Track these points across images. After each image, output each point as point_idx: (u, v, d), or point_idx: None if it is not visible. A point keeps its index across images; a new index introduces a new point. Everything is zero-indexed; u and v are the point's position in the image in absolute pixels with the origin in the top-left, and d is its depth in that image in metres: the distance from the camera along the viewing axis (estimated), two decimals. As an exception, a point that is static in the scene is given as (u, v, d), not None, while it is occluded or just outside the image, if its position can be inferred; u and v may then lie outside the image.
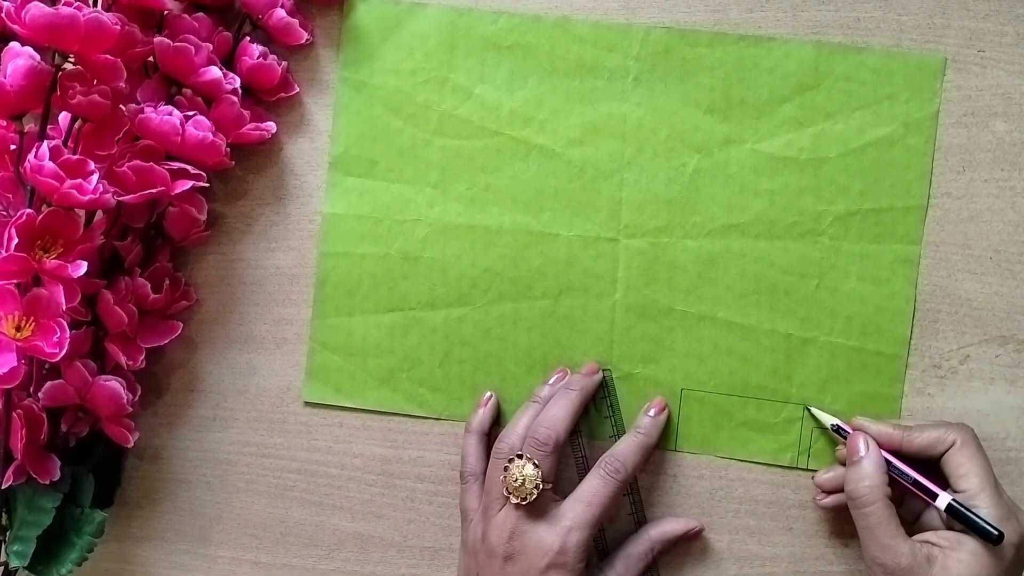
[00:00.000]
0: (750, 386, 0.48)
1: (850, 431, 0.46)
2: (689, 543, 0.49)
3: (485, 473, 0.47)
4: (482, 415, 0.49)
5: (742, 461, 0.49)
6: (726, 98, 0.48)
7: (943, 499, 0.43)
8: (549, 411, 0.45)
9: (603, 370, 0.49)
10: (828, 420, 0.47)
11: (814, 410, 0.48)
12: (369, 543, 0.50)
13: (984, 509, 0.41)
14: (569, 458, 0.49)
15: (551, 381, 0.48)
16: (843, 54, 0.48)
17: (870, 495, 0.43)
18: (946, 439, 0.44)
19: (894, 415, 0.48)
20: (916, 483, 0.44)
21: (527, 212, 0.49)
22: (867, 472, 0.43)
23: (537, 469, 0.43)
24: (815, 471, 0.48)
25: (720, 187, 0.49)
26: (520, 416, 0.46)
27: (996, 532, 0.41)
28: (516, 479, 0.43)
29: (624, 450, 0.46)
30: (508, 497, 0.44)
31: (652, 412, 0.48)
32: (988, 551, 0.41)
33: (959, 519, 0.42)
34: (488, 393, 0.49)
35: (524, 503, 0.43)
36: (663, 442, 0.49)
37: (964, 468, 0.43)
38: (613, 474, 0.45)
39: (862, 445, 0.44)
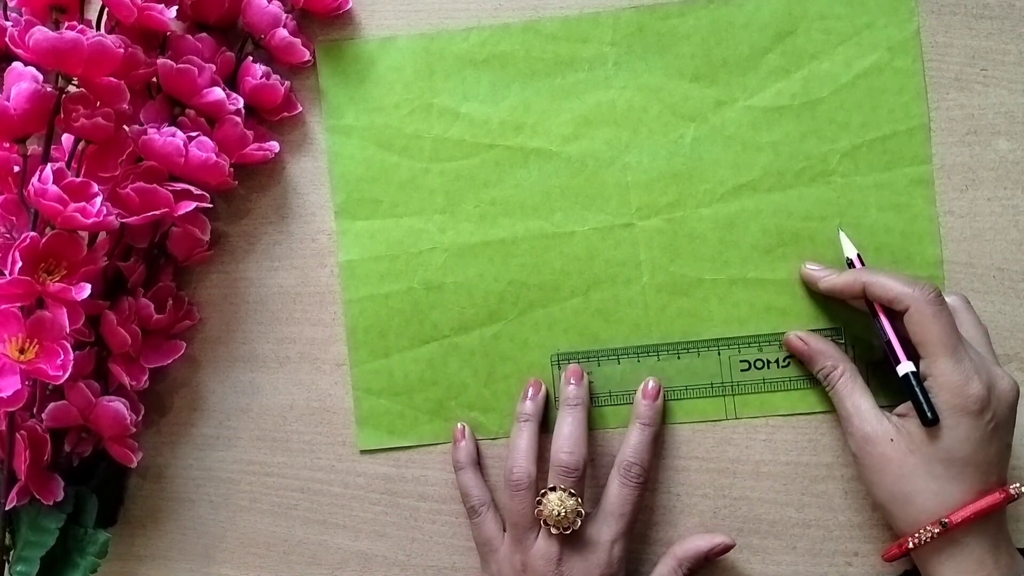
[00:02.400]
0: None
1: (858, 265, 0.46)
2: (718, 559, 0.48)
3: (493, 501, 0.48)
4: (468, 447, 0.49)
5: (786, 378, 0.48)
6: (708, 62, 0.49)
7: (903, 367, 0.42)
8: (563, 432, 0.45)
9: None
10: (851, 252, 0.47)
11: (843, 235, 0.47)
12: (372, 562, 0.50)
13: (940, 378, 0.41)
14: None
15: (530, 396, 0.48)
16: None
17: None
18: (901, 301, 0.42)
19: None
20: (888, 343, 0.43)
21: (538, 217, 0.50)
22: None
23: (574, 498, 0.44)
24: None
25: (722, 150, 0.49)
26: (518, 439, 0.47)
27: (929, 416, 0.41)
28: (557, 512, 0.43)
29: (637, 449, 0.46)
30: (548, 527, 0.44)
31: (649, 398, 0.48)
32: (963, 418, 0.41)
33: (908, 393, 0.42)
34: (460, 425, 0.49)
35: (567, 532, 0.44)
36: (720, 415, 0.49)
37: (918, 336, 0.42)
38: (635, 479, 0.46)
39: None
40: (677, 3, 0.49)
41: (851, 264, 0.46)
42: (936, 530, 0.41)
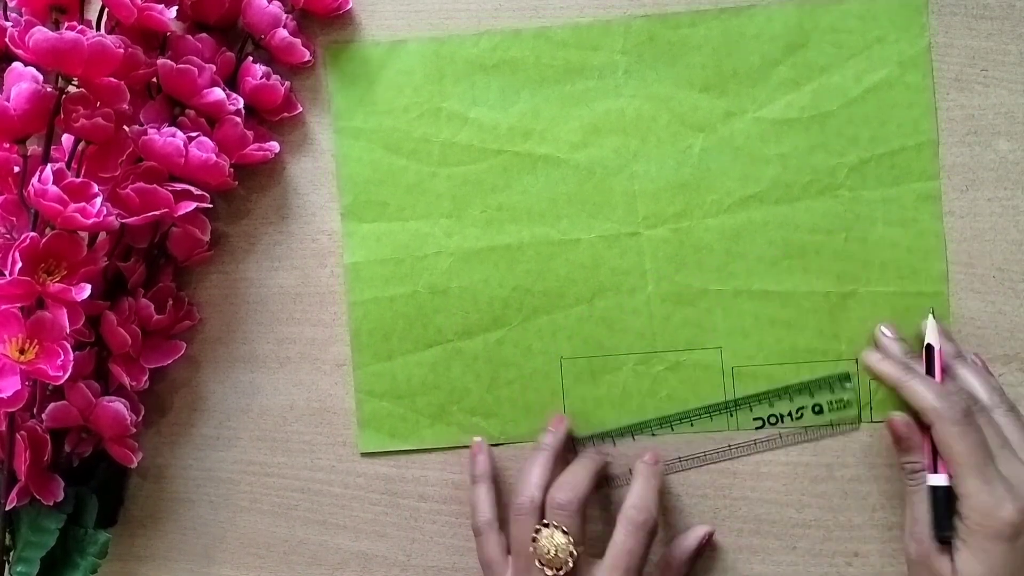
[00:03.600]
0: (799, 351, 0.48)
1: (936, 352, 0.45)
2: (715, 556, 0.48)
3: (499, 521, 0.46)
4: (485, 461, 0.48)
5: (802, 429, 0.48)
6: (718, 73, 0.49)
7: (932, 479, 0.42)
8: (568, 472, 0.45)
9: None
10: (931, 337, 0.45)
11: (931, 320, 0.45)
12: (372, 562, 0.50)
13: (968, 499, 0.40)
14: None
15: (552, 429, 0.48)
16: (825, 7, 0.48)
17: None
18: (927, 415, 0.42)
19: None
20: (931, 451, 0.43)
21: (544, 223, 0.49)
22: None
23: (566, 536, 0.42)
24: (881, 421, 0.47)
25: (730, 161, 0.49)
26: (532, 466, 0.46)
27: (945, 533, 0.41)
28: (547, 550, 0.42)
29: (642, 498, 0.44)
30: (542, 568, 0.42)
31: (648, 461, 0.47)
32: (996, 543, 0.39)
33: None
34: (478, 439, 0.49)
35: (560, 573, 0.42)
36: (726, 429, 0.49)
37: (944, 453, 0.41)
38: (641, 527, 0.43)
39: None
40: (688, 13, 0.49)
41: (929, 351, 0.45)
42: None
